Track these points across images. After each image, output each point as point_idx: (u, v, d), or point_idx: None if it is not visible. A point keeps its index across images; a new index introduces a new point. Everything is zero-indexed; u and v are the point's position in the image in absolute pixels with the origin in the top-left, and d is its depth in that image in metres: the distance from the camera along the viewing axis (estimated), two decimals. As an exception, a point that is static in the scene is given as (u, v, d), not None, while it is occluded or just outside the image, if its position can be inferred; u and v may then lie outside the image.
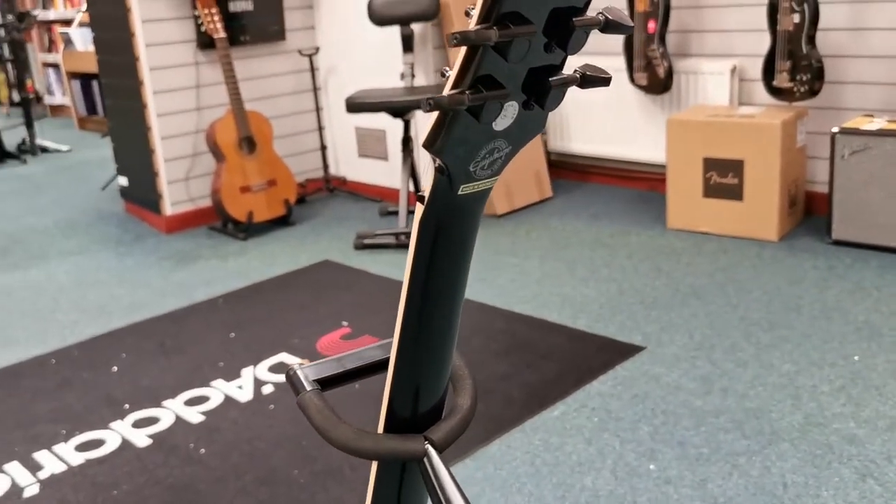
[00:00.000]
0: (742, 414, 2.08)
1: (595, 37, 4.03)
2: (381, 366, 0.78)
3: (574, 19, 0.50)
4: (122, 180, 4.26)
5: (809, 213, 3.48)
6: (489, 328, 2.69)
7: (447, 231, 0.60)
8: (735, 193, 3.28)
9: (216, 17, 3.69)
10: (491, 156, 0.56)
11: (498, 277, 3.12)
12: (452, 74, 0.51)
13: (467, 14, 0.50)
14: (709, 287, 2.87)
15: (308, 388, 0.74)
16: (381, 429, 0.74)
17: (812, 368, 2.27)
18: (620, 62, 3.77)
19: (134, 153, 4.05)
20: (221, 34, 3.69)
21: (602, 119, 4.03)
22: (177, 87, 3.84)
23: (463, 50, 0.50)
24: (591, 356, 2.44)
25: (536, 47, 0.51)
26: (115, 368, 2.62)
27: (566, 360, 2.43)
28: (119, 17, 3.76)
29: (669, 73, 3.64)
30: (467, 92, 0.50)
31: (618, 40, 3.79)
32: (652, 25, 3.60)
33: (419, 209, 0.59)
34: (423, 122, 3.95)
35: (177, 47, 3.82)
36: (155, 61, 3.75)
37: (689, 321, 2.62)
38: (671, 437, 2.00)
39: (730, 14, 3.55)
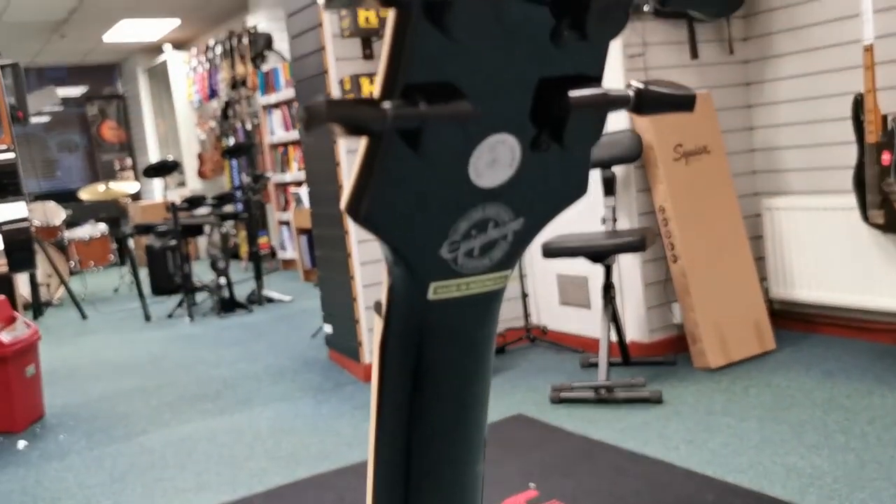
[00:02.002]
0: None
1: (811, 176, 3.66)
2: None
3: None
4: (328, 328, 4.35)
5: None
6: (697, 500, 2.31)
7: (429, 365, 0.34)
8: None
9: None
10: (482, 232, 0.30)
11: (709, 440, 2.73)
12: (379, 74, 0.29)
13: None
14: (981, 463, 2.31)
15: None
16: None
17: None
18: (850, 200, 3.37)
19: (338, 302, 4.13)
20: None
21: (832, 263, 3.59)
22: (379, 237, 3.92)
23: (389, 35, 0.28)
24: (824, 544, 2.00)
25: (535, 32, 0.27)
26: (291, 522, 2.51)
27: (792, 548, 2.00)
28: (329, 172, 3.95)
29: (912, 209, 3.18)
30: (389, 102, 0.27)
31: (844, 176, 3.39)
32: (887, 157, 3.19)
33: (377, 327, 0.35)
34: (626, 267, 3.71)
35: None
36: (360, 212, 3.87)
37: (955, 506, 2.09)
38: None
39: (984, 140, 3.08)
